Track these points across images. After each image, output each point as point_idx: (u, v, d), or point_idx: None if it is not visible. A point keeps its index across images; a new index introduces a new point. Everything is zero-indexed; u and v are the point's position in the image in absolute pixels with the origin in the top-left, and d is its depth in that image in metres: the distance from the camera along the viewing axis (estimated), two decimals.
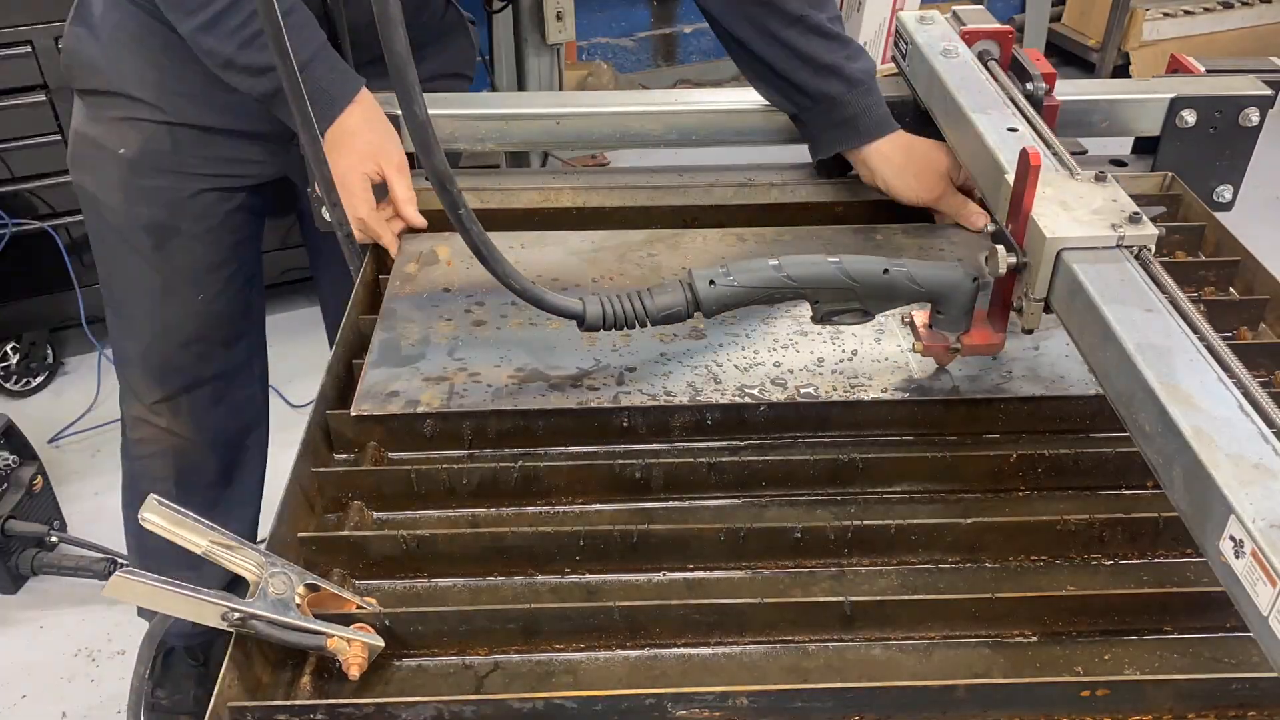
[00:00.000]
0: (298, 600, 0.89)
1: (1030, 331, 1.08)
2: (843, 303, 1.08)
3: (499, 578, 1.02)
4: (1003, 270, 1.05)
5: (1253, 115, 1.49)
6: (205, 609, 0.85)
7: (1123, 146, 1.62)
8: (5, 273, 2.60)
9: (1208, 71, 1.57)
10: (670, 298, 1.07)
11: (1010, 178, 1.07)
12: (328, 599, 0.92)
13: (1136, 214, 1.01)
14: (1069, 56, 4.52)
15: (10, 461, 2.25)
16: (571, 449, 1.14)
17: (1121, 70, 4.27)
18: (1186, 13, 4.38)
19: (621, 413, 1.14)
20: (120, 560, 2.25)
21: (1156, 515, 1.03)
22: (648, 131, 1.54)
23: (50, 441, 2.67)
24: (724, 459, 1.10)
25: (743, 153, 1.55)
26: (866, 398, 1.15)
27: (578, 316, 1.08)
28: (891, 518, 1.04)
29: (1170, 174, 1.52)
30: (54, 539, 2.28)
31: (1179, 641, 0.96)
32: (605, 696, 0.86)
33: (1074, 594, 0.98)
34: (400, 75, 0.90)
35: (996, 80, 1.35)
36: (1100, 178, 1.07)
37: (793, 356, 1.21)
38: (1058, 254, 1.01)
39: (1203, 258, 1.42)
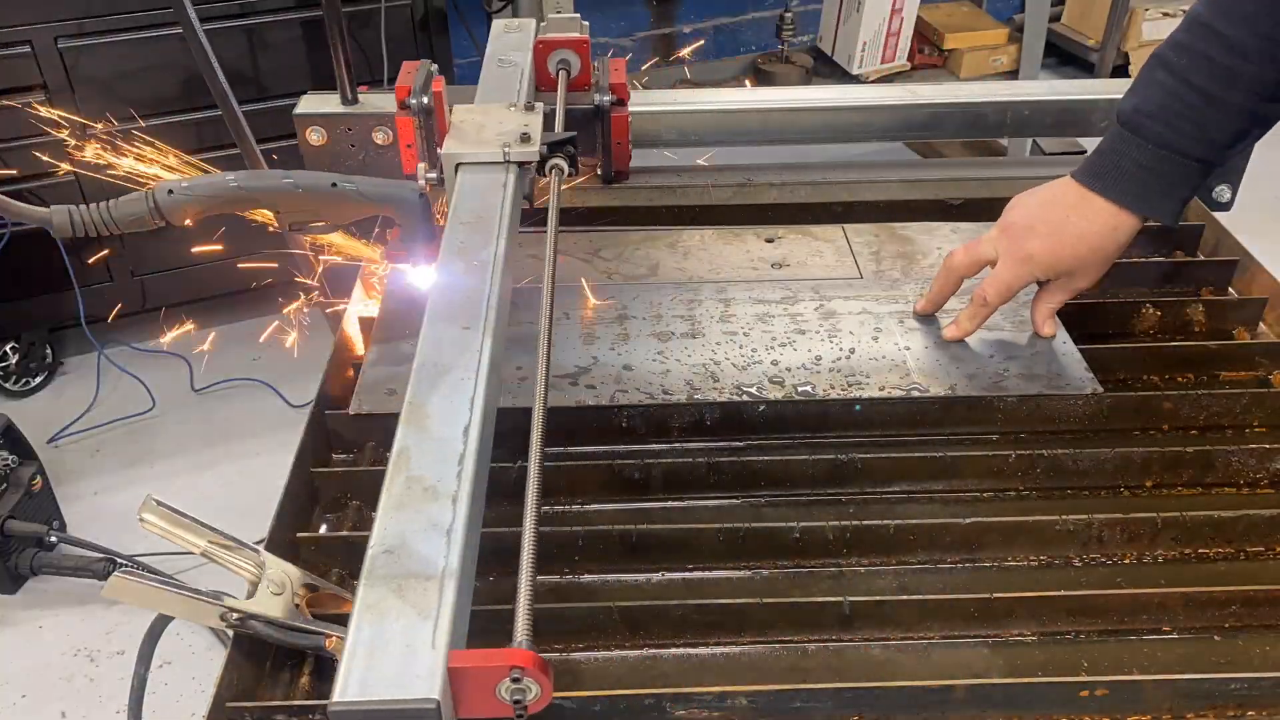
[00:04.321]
0: (296, 600, 0.89)
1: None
2: (303, 214, 1.19)
3: (497, 578, 1.02)
4: (423, 182, 1.21)
5: None
6: (204, 609, 0.85)
7: None
8: (5, 273, 2.60)
9: None
10: (135, 206, 1.15)
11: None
12: (326, 599, 0.92)
13: (527, 135, 1.16)
14: (1069, 56, 4.52)
15: (10, 461, 2.24)
16: (570, 448, 1.14)
17: (1121, 70, 4.27)
18: (1186, 13, 4.38)
19: (620, 412, 1.14)
20: (119, 560, 2.25)
21: (1155, 515, 1.04)
22: (646, 131, 1.54)
23: (50, 441, 2.67)
24: (723, 459, 1.10)
25: (742, 152, 1.55)
26: (865, 396, 1.15)
27: (46, 222, 1.16)
28: (891, 518, 1.04)
29: None
30: (53, 539, 2.28)
31: (1178, 641, 0.96)
32: (604, 696, 0.86)
33: (1073, 594, 0.98)
34: None
35: (550, 90, 1.37)
36: (529, 108, 1.22)
37: (790, 355, 1.21)
38: (455, 168, 1.15)
39: (1202, 258, 1.42)
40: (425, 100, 1.34)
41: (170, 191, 1.14)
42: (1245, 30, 0.99)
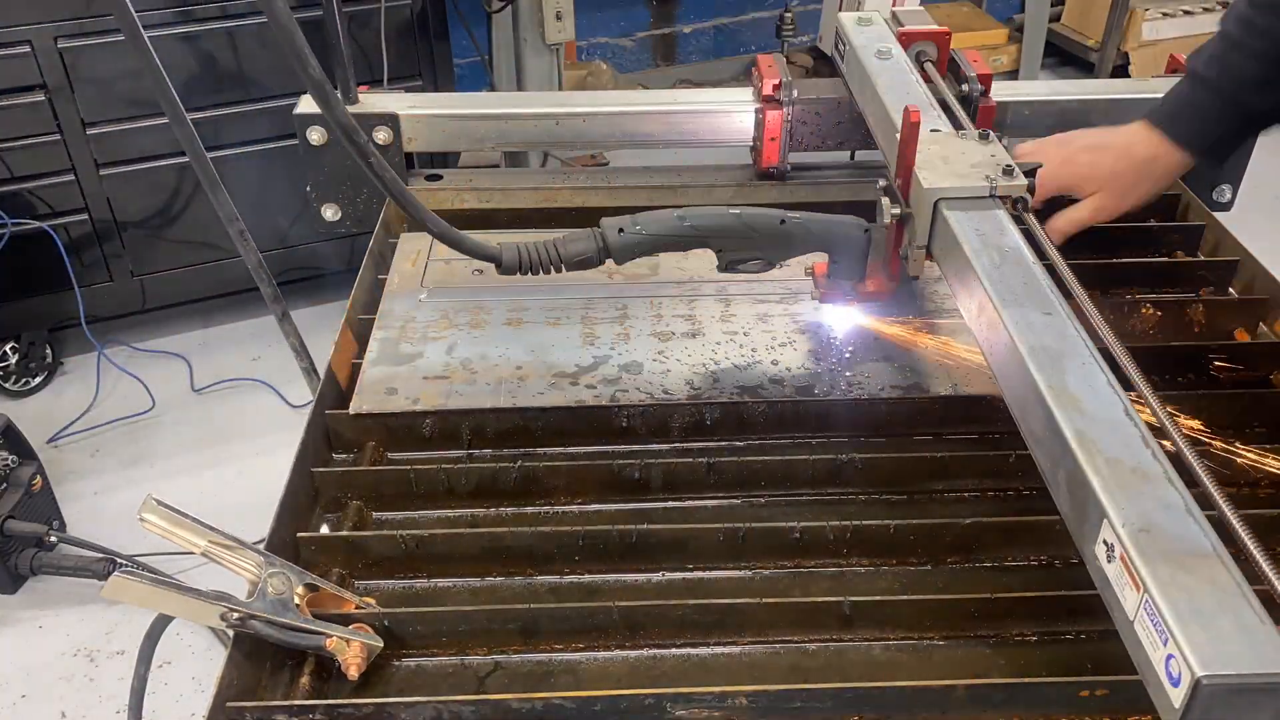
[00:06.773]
0: (297, 600, 0.89)
1: (916, 278, 1.15)
2: (745, 251, 1.14)
3: (498, 578, 1.02)
4: (888, 220, 1.11)
5: None
6: (204, 609, 0.85)
7: None
8: (4, 273, 2.60)
9: None
10: (582, 245, 1.11)
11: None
12: (327, 599, 0.92)
13: (1010, 167, 1.07)
14: (1069, 56, 4.52)
15: (10, 461, 2.24)
16: (570, 449, 1.14)
17: (1121, 70, 4.27)
18: (1186, 13, 4.38)
19: (620, 412, 1.14)
20: (119, 560, 2.24)
21: None
22: (647, 131, 1.54)
23: (49, 441, 2.67)
24: (723, 459, 1.10)
25: (742, 153, 1.55)
26: (865, 396, 1.15)
27: (495, 259, 1.11)
28: (891, 518, 1.04)
29: None
30: (53, 539, 2.28)
31: None
32: (605, 696, 0.86)
33: (1072, 594, 0.97)
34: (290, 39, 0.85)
35: (930, 81, 1.34)
36: (984, 137, 1.13)
37: (791, 355, 1.21)
38: (935, 203, 1.06)
39: (1202, 258, 1.42)
40: (794, 93, 1.34)
41: (620, 230, 1.11)
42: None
